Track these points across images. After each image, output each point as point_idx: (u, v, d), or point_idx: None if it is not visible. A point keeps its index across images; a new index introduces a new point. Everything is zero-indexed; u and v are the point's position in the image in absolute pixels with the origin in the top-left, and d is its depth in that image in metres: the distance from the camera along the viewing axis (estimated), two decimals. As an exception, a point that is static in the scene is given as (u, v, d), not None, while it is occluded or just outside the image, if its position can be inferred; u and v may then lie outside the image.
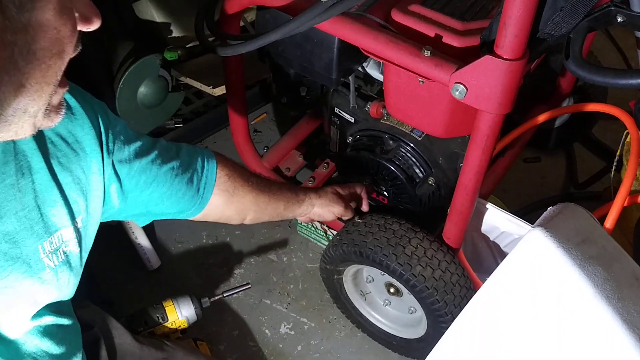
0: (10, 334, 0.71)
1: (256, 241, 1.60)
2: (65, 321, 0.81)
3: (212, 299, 1.26)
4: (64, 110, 0.62)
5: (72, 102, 0.76)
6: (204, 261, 1.56)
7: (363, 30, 0.99)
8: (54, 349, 0.77)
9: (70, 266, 0.77)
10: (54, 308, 0.78)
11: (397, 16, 1.02)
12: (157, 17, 1.66)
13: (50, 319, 0.77)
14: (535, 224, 0.70)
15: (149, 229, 1.56)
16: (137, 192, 0.88)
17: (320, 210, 1.21)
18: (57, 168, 0.73)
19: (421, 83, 1.03)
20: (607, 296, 0.61)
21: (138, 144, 0.87)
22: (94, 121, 0.79)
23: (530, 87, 1.44)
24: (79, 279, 0.81)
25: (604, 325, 0.61)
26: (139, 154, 0.87)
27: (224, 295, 1.28)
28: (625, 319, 0.60)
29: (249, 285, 1.30)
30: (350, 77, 1.25)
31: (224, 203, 1.01)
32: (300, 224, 1.57)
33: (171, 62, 1.63)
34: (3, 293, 0.67)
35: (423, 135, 1.24)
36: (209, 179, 0.97)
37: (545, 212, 0.73)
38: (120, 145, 0.84)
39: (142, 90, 1.59)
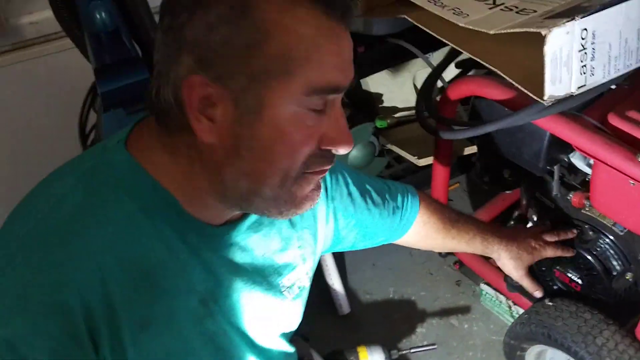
0: (264, 344, 0.86)
1: (439, 304, 1.69)
2: (291, 350, 0.96)
3: (400, 352, 1.38)
4: (312, 202, 0.73)
5: None
6: (389, 314, 1.69)
7: (579, 130, 1.07)
8: None
9: (302, 299, 0.93)
10: (286, 337, 0.94)
11: (614, 120, 1.08)
12: (372, 88, 1.87)
13: (283, 345, 0.92)
14: None
15: (342, 276, 1.73)
16: (347, 231, 1.01)
17: (508, 264, 1.20)
18: (295, 218, 0.87)
19: (632, 185, 1.07)
20: None
21: (354, 190, 0.98)
22: None
23: None
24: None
25: None
26: (354, 200, 0.98)
27: (411, 351, 1.39)
28: None
29: (435, 347, 1.40)
30: (555, 166, 1.32)
31: (414, 242, 1.13)
32: (485, 294, 1.63)
33: (380, 129, 1.82)
34: (263, 312, 0.84)
35: (625, 231, 1.26)
36: (409, 221, 1.08)
37: None
38: (340, 192, 0.96)
39: (354, 152, 1.78)
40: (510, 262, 1.20)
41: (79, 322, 0.62)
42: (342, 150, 0.69)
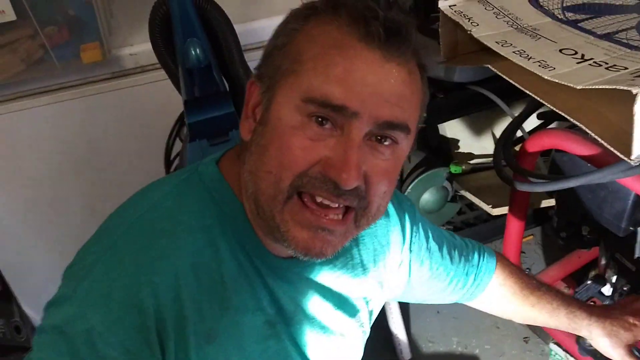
0: None
1: (505, 360, 1.64)
2: None
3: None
4: (315, 250, 0.69)
5: (390, 208, 0.91)
6: (451, 366, 1.65)
7: (667, 193, 1.03)
8: None
9: (362, 341, 0.92)
10: None
11: None
12: (449, 133, 1.86)
13: None
14: None
15: (405, 322, 1.70)
16: (419, 284, 1.00)
17: (603, 342, 1.02)
18: (370, 263, 0.89)
19: None
20: None
21: (434, 244, 0.98)
22: (402, 222, 0.93)
23: None
24: None
25: None
26: (432, 254, 0.98)
27: (473, 406, 1.34)
28: None
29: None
30: (638, 227, 1.26)
31: (487, 304, 1.09)
32: (554, 354, 1.56)
33: (455, 175, 1.80)
34: (324, 346, 0.84)
35: None
36: (484, 281, 1.04)
37: None
38: (419, 244, 0.95)
39: (426, 196, 1.78)
40: (604, 339, 1.02)
41: (151, 324, 0.65)
42: (341, 182, 0.64)
